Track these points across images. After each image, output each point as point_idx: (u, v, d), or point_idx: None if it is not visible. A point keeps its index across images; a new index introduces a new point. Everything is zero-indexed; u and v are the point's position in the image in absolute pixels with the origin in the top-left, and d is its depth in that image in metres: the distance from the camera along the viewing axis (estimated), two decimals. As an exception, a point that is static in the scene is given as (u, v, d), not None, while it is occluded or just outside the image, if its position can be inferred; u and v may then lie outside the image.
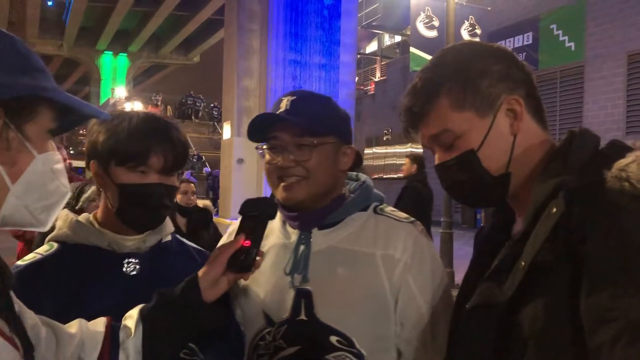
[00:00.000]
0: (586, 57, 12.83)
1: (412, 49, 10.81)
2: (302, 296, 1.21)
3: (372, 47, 26.80)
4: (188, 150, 1.27)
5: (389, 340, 1.21)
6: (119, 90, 30.39)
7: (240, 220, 1.16)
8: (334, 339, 1.18)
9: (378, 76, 24.51)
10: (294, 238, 1.28)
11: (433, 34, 10.70)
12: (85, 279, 1.17)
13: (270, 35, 11.54)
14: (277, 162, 1.23)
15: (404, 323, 1.21)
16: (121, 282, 1.18)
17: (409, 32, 13.01)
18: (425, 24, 10.76)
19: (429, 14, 10.76)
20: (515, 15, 14.31)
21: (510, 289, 0.90)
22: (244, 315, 1.30)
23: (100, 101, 30.87)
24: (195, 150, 22.53)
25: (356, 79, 17.21)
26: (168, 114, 26.16)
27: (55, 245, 1.22)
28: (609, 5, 12.22)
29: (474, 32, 10.72)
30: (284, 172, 1.23)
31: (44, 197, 0.83)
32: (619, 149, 0.90)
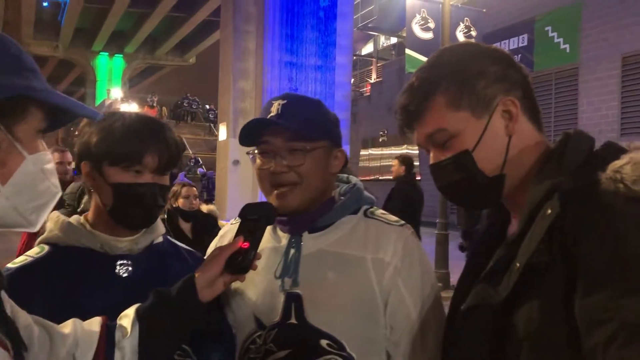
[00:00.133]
0: (581, 59, 12.90)
1: (408, 51, 10.81)
2: (293, 300, 1.21)
3: (368, 49, 26.86)
4: (182, 151, 1.27)
5: (379, 343, 1.21)
6: (115, 92, 30.31)
7: (239, 223, 1.16)
8: (324, 343, 1.17)
9: (374, 78, 24.55)
10: (285, 242, 1.27)
11: (429, 35, 10.71)
12: (77, 281, 1.16)
13: (266, 37, 11.52)
14: (270, 168, 1.22)
15: (394, 326, 1.20)
16: (114, 284, 1.17)
17: (404, 34, 13.04)
18: (421, 25, 10.76)
19: (424, 15, 10.76)
20: (510, 17, 14.37)
21: (505, 290, 0.90)
22: (235, 318, 1.30)
23: (95, 102, 30.77)
24: (192, 153, 22.46)
25: (352, 80, 17.22)
26: (163, 115, 26.17)
27: (46, 247, 1.21)
28: (603, 7, 12.28)
29: (469, 34, 10.73)
30: (276, 179, 1.22)
31: (34, 198, 0.83)
32: (613, 150, 0.90)
